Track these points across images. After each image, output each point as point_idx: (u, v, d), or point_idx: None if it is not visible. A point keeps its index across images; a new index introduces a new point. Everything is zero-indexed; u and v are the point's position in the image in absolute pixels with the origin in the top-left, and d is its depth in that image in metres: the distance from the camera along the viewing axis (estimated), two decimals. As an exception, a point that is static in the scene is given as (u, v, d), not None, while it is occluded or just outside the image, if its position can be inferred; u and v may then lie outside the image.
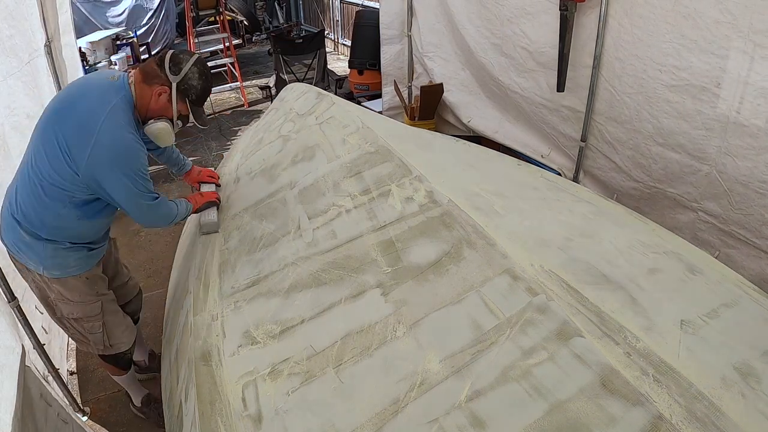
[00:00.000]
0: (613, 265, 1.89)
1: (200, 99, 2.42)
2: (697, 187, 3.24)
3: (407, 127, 3.26)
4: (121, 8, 8.92)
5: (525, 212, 2.20)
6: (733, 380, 1.45)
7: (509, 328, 1.60)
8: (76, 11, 6.83)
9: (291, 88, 3.85)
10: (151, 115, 2.33)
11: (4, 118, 3.24)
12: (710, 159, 3.09)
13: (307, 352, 1.71)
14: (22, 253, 2.27)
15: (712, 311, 1.73)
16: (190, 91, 2.34)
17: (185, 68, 2.30)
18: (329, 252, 2.11)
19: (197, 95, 2.38)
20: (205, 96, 2.43)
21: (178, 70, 2.29)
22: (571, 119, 4.10)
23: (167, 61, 2.29)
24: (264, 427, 1.53)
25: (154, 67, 2.29)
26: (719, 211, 3.15)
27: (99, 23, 8.57)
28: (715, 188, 3.12)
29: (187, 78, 2.31)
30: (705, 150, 3.11)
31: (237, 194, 2.86)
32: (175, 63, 2.30)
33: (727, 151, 2.98)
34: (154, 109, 2.32)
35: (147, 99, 2.29)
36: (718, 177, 3.08)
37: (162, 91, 2.29)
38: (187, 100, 2.36)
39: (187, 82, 2.32)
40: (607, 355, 1.49)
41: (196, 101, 2.41)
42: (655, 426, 1.32)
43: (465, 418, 1.41)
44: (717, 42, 2.89)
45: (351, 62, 7.92)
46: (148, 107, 2.31)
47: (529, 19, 4.20)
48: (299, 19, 13.69)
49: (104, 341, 2.53)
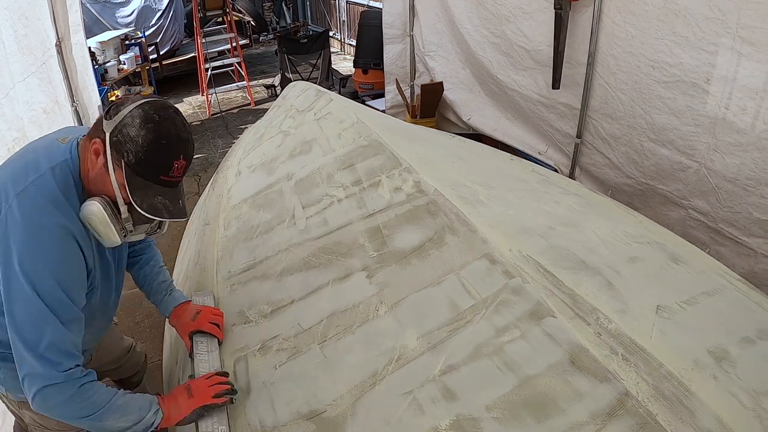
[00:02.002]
0: (593, 252, 1.94)
1: (143, 164, 1.45)
2: (686, 184, 3.29)
3: (402, 123, 3.35)
4: (130, 9, 9.00)
5: (510, 202, 2.27)
6: (705, 363, 1.49)
7: (485, 308, 1.67)
8: (85, 11, 6.92)
9: (293, 86, 3.93)
10: (94, 190, 1.52)
11: (23, 113, 3.35)
12: (699, 155, 3.14)
13: (295, 330, 1.80)
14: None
15: (691, 298, 1.77)
16: (123, 147, 1.43)
17: (124, 110, 1.46)
18: (320, 238, 2.19)
19: (136, 156, 1.43)
20: (153, 161, 1.45)
21: (115, 113, 1.47)
22: (567, 116, 4.16)
23: (111, 105, 1.52)
24: (252, 397, 1.63)
25: (96, 132, 1.50)
26: (708, 208, 3.20)
27: (108, 23, 8.67)
28: (704, 185, 3.17)
29: (123, 124, 1.44)
30: (694, 146, 3.16)
31: (238, 186, 2.94)
32: (117, 105, 1.49)
33: (715, 147, 3.03)
34: (92, 177, 1.51)
35: (87, 163, 1.52)
36: (706, 174, 3.12)
37: (97, 146, 1.47)
38: (122, 163, 1.44)
39: (120, 131, 1.44)
40: (577, 335, 1.54)
41: (137, 167, 1.45)
42: (621, 402, 1.36)
43: (438, 391, 1.48)
44: (706, 38, 2.95)
45: (355, 62, 8.00)
46: (89, 175, 1.52)
47: (526, 18, 4.27)
48: (306, 20, 13.78)
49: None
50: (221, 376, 1.66)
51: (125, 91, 7.67)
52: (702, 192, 3.21)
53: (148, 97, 1.51)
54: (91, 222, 1.48)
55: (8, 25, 3.32)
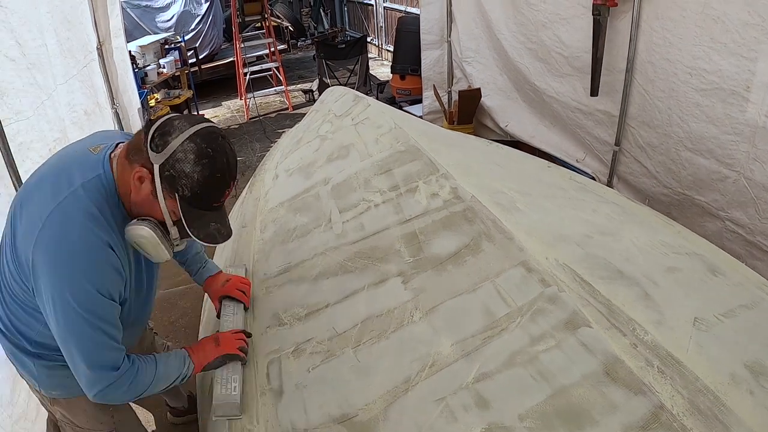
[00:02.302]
0: (630, 262, 1.92)
1: (199, 198, 1.50)
2: (724, 194, 3.22)
3: (439, 129, 3.35)
4: (169, 14, 9.16)
5: (547, 210, 2.26)
6: (742, 377, 1.46)
7: (520, 316, 1.67)
8: (126, 16, 7.07)
9: (330, 91, 3.97)
10: (137, 211, 1.57)
11: (65, 114, 3.44)
12: (738, 165, 3.08)
13: (329, 334, 1.82)
14: (17, 364, 1.77)
15: (729, 311, 1.73)
16: (177, 182, 1.46)
17: (174, 142, 1.45)
18: (356, 243, 2.21)
19: (192, 191, 1.47)
20: (209, 194, 1.51)
21: (163, 144, 1.46)
22: (606, 123, 4.12)
23: (153, 129, 1.49)
24: (284, 399, 1.65)
25: (141, 136, 1.52)
26: (746, 220, 3.12)
27: (148, 28, 8.85)
28: (743, 196, 3.10)
29: (175, 159, 1.45)
30: (733, 156, 3.09)
31: (275, 190, 2.98)
32: (163, 133, 1.47)
33: (755, 156, 2.96)
34: (136, 201, 1.55)
35: (128, 185, 1.53)
36: (745, 184, 3.06)
37: (141, 174, 1.49)
38: (176, 196, 1.49)
39: (173, 167, 1.45)
40: (612, 345, 1.53)
41: (193, 200, 1.49)
42: (655, 415, 1.34)
43: (471, 398, 1.48)
44: (746, 45, 2.88)
45: (393, 67, 8.03)
46: (131, 197, 1.55)
47: (563, 24, 4.24)
48: (344, 25, 13.87)
49: None
50: (245, 335, 1.88)
51: (164, 94, 7.81)
52: (740, 203, 3.13)
53: (191, 120, 1.52)
54: (141, 244, 1.55)
55: (51, 29, 3.41)
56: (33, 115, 2.79)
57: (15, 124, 2.55)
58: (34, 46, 3.01)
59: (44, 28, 3.28)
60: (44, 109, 3.00)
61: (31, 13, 3.07)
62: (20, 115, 2.63)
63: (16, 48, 2.72)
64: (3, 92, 2.49)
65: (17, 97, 2.64)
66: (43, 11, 3.28)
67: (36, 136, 2.78)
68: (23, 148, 2.59)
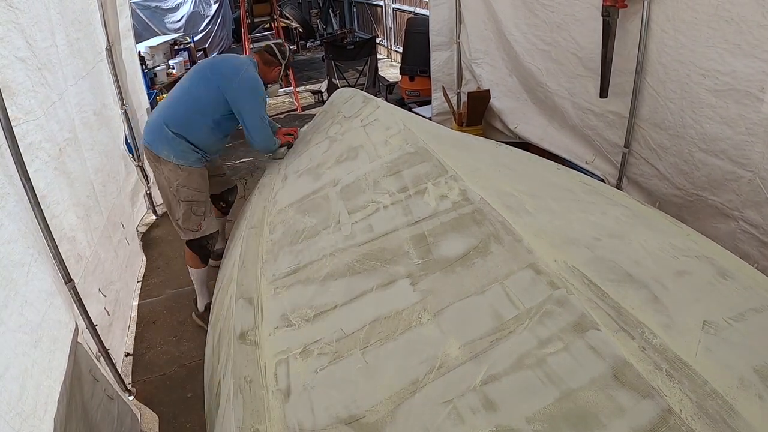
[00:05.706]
0: (639, 265, 1.91)
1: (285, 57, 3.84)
2: (738, 194, 3.21)
3: (448, 130, 3.35)
4: (179, 15, 9.22)
5: (556, 212, 2.25)
6: (751, 382, 1.45)
7: (528, 319, 1.66)
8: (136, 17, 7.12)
9: (340, 92, 3.98)
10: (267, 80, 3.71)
11: (75, 114, 3.46)
12: (753, 165, 3.06)
13: (337, 335, 1.81)
14: (162, 147, 3.38)
15: (739, 315, 1.71)
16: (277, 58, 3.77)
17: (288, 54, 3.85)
18: (365, 244, 2.21)
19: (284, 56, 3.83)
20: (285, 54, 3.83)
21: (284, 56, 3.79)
22: (616, 125, 4.11)
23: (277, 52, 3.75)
24: (291, 400, 1.65)
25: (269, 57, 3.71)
26: (760, 220, 3.11)
27: (158, 29, 8.89)
28: (757, 196, 3.08)
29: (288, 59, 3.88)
30: (748, 156, 3.08)
31: (284, 191, 2.98)
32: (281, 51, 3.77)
33: (770, 156, 2.95)
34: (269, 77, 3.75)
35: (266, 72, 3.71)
36: (760, 184, 3.04)
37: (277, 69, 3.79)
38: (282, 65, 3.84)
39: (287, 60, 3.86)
40: (621, 348, 1.52)
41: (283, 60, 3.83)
42: (663, 419, 1.34)
43: (478, 401, 1.47)
44: (761, 46, 2.87)
45: (402, 68, 8.03)
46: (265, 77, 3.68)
47: (578, 25, 4.24)
48: (353, 26, 13.88)
49: (200, 223, 3.55)
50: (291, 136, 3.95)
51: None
52: (755, 203, 3.12)
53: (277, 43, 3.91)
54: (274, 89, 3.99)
55: (61, 30, 3.42)
56: (43, 115, 2.80)
57: (25, 125, 2.56)
58: (44, 47, 3.01)
59: (55, 28, 3.28)
60: (54, 109, 3.01)
61: (42, 14, 3.07)
62: (30, 116, 2.63)
63: (27, 48, 2.73)
64: (13, 92, 2.49)
65: (27, 97, 2.64)
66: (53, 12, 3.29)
67: (46, 136, 2.79)
68: (32, 148, 2.60)
